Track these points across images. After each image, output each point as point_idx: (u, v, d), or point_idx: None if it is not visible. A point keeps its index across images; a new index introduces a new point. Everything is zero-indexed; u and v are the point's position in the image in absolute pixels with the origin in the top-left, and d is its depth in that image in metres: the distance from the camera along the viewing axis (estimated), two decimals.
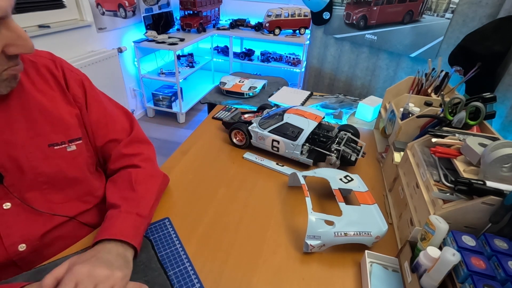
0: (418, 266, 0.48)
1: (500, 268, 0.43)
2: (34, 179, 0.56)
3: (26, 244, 0.56)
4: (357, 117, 1.21)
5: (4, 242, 0.54)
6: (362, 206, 0.65)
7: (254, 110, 1.13)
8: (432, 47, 1.42)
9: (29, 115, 0.56)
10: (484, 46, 0.98)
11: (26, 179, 0.55)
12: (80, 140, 0.62)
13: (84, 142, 0.64)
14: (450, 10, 1.31)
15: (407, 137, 0.82)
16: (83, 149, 0.63)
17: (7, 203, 0.55)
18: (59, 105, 0.60)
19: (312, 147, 0.86)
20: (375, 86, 1.73)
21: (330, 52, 1.83)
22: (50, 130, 0.58)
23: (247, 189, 0.78)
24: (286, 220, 0.69)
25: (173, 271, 0.55)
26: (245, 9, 3.04)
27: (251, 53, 3.01)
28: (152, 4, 2.66)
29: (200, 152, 0.93)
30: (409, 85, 1.03)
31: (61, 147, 0.59)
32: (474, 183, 0.48)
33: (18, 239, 0.55)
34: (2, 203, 0.54)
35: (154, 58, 2.80)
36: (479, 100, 0.69)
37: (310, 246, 0.59)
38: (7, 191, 0.54)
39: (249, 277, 0.56)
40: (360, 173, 0.76)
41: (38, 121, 0.57)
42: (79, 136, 0.62)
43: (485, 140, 0.55)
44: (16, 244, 0.55)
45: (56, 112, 0.59)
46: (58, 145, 0.59)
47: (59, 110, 0.59)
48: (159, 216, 0.67)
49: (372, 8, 1.57)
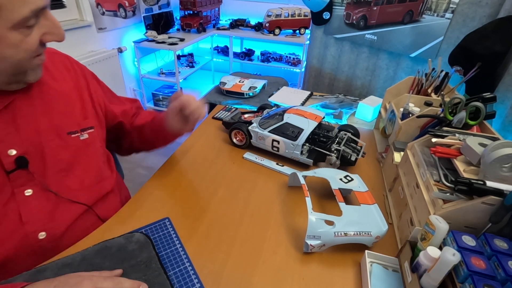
0: (418, 266, 0.48)
1: (500, 268, 0.43)
2: (54, 166, 0.59)
3: (46, 232, 0.58)
4: (357, 117, 1.21)
5: (26, 229, 0.56)
6: (362, 206, 0.65)
7: (254, 110, 1.13)
8: (432, 47, 1.42)
9: (49, 104, 0.59)
10: (484, 46, 0.98)
11: (47, 166, 0.58)
12: (92, 129, 0.66)
13: (96, 132, 0.67)
14: (450, 10, 1.31)
15: (407, 137, 0.82)
16: (95, 138, 0.66)
17: (29, 190, 0.56)
18: (73, 95, 0.64)
19: (312, 147, 0.86)
20: (375, 86, 1.73)
21: (330, 52, 1.83)
22: (67, 119, 0.62)
23: (247, 189, 0.78)
24: (286, 220, 0.69)
25: (173, 271, 0.55)
26: (245, 9, 3.03)
27: (251, 53, 3.01)
28: (152, 4, 2.66)
29: (200, 152, 0.93)
30: (409, 85, 1.03)
31: (76, 135, 0.63)
32: (474, 183, 0.48)
33: (39, 227, 0.57)
34: (24, 189, 0.56)
35: (154, 58, 2.80)
36: (479, 100, 0.69)
37: (310, 246, 0.59)
38: (32, 177, 0.56)
39: (249, 277, 0.56)
40: (360, 173, 0.76)
41: (56, 110, 0.61)
42: (91, 125, 0.66)
43: (485, 140, 0.55)
44: (37, 231, 0.57)
45: (71, 101, 0.63)
46: (74, 133, 0.63)
47: (73, 100, 0.64)
48: (159, 216, 0.67)
49: (372, 8, 1.57)
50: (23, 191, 0.56)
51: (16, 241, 0.55)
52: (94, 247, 0.57)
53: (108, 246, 0.57)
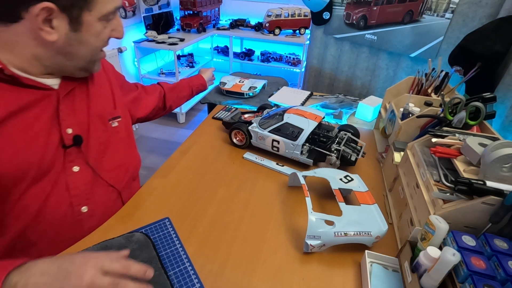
0: (418, 266, 0.48)
1: (500, 268, 0.43)
2: (95, 147, 0.65)
3: (88, 207, 0.65)
4: (357, 117, 1.21)
5: (73, 201, 0.62)
6: (362, 206, 0.65)
7: (254, 110, 1.13)
8: (432, 47, 1.42)
9: (95, 93, 0.67)
10: (484, 46, 0.97)
11: (90, 147, 0.64)
12: (120, 118, 0.73)
13: (123, 121, 0.74)
14: (450, 10, 1.31)
15: (407, 137, 0.82)
16: (122, 127, 0.73)
17: (76, 166, 0.62)
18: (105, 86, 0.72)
19: (312, 147, 0.86)
20: (375, 86, 1.72)
21: (330, 52, 1.83)
22: (106, 107, 0.70)
23: (247, 189, 0.78)
24: (286, 220, 0.69)
25: (173, 271, 0.55)
26: (245, 9, 3.03)
27: (251, 53, 3.01)
28: (152, 4, 2.65)
29: (200, 152, 0.93)
30: (409, 85, 1.03)
31: (111, 122, 0.71)
32: (474, 183, 0.48)
33: (83, 201, 0.64)
34: (73, 165, 0.62)
35: (154, 58, 2.80)
36: (479, 100, 0.69)
37: (310, 246, 0.59)
38: (81, 154, 0.63)
39: (249, 277, 0.56)
40: (360, 173, 0.76)
41: (99, 99, 0.68)
42: (119, 115, 0.73)
43: (485, 140, 0.55)
44: (81, 204, 0.64)
45: (106, 92, 0.71)
46: (110, 120, 0.70)
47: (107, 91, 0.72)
48: (159, 216, 0.67)
49: (372, 8, 1.56)
50: (72, 166, 0.62)
51: (63, 211, 0.62)
52: (94, 247, 0.57)
53: (108, 246, 0.57)
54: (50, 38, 0.50)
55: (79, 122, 0.62)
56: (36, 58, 0.53)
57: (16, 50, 0.51)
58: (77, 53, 0.56)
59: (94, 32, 0.55)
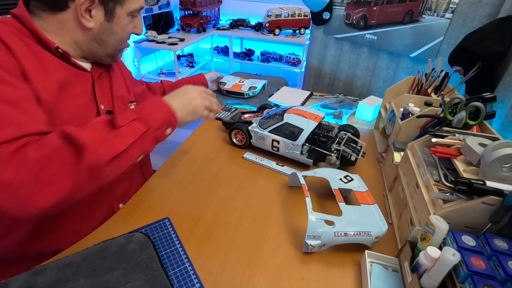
0: (418, 266, 0.48)
1: (500, 268, 0.43)
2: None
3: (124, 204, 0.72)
4: (357, 117, 1.21)
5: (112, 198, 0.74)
6: (362, 206, 0.65)
7: (254, 110, 1.13)
8: (432, 47, 1.42)
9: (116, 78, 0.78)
10: (484, 46, 0.97)
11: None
12: (135, 102, 0.83)
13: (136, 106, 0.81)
14: (450, 10, 1.31)
15: (407, 137, 0.82)
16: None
17: None
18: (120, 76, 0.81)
19: (312, 147, 0.86)
20: (375, 86, 1.72)
21: (330, 52, 1.83)
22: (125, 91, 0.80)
23: (247, 189, 0.78)
24: (286, 220, 0.69)
25: (173, 271, 0.55)
26: (245, 9, 3.03)
27: (251, 53, 3.01)
28: (152, 4, 2.65)
29: (200, 152, 0.93)
30: (409, 85, 1.03)
31: (129, 104, 0.80)
32: (474, 183, 0.48)
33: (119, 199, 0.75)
34: None
35: (154, 58, 2.80)
36: (479, 100, 0.69)
37: (310, 246, 0.59)
38: None
39: (249, 277, 0.56)
40: (360, 173, 0.76)
41: (120, 84, 0.79)
42: (134, 100, 0.83)
43: (485, 140, 0.55)
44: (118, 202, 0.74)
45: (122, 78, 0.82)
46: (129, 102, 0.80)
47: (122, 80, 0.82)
48: (159, 216, 0.67)
49: (372, 8, 1.56)
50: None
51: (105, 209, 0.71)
52: (94, 247, 0.57)
53: (108, 246, 0.57)
54: (88, 25, 0.61)
55: (108, 100, 0.73)
56: (76, 42, 0.64)
57: (61, 35, 0.62)
58: (107, 40, 0.67)
59: (122, 24, 0.66)
